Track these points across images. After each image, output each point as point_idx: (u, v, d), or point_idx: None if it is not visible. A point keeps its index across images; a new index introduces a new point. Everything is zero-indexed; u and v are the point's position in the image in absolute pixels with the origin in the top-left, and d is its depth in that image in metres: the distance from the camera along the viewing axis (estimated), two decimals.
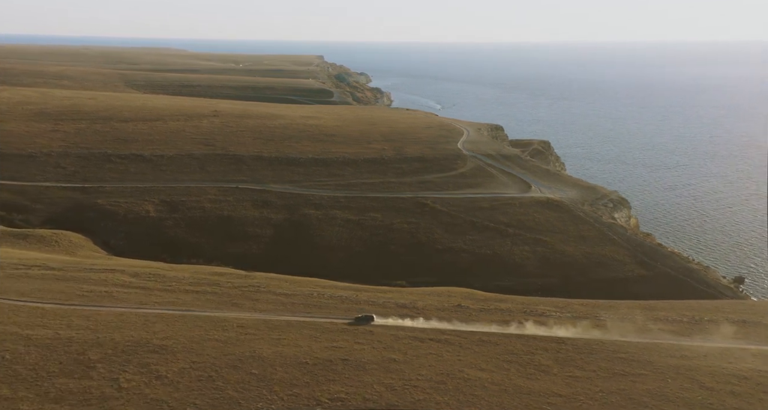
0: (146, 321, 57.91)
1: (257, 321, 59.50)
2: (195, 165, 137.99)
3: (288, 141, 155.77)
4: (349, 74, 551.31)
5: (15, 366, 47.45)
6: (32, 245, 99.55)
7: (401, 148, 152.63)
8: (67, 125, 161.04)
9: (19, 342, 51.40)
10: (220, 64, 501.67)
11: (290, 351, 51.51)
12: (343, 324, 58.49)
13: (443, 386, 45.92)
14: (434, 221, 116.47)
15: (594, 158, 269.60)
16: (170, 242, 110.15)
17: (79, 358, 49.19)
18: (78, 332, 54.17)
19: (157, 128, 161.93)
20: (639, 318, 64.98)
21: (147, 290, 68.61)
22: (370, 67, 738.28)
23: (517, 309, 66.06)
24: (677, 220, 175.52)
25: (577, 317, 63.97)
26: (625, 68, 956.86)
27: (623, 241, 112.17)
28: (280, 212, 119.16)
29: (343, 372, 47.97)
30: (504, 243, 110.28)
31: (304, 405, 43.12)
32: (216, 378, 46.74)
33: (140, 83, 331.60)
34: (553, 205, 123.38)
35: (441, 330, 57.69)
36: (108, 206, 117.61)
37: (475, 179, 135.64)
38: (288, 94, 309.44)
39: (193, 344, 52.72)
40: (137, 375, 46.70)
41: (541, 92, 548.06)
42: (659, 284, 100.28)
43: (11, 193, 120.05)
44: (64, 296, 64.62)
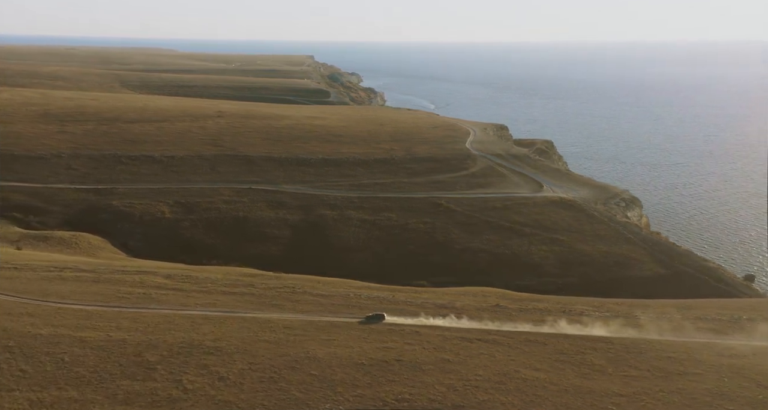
0: (193, 323, 57.93)
1: (302, 321, 59.64)
2: (206, 166, 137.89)
3: (296, 142, 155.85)
4: (341, 74, 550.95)
5: (76, 368, 47.44)
6: (53, 247, 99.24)
7: (410, 148, 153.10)
8: (74, 126, 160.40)
9: (74, 344, 51.36)
10: (212, 65, 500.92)
11: (343, 352, 51.71)
12: (388, 325, 58.69)
13: (503, 386, 46.28)
14: (450, 221, 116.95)
15: (592, 157, 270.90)
16: (188, 244, 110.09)
17: (137, 360, 49.21)
18: (129, 334, 54.16)
19: (164, 129, 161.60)
20: (675, 316, 65.63)
21: (184, 292, 68.58)
22: (360, 67, 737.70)
23: (556, 309, 66.53)
24: (679, 219, 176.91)
25: (616, 316, 64.47)
26: (615, 68, 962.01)
27: (639, 240, 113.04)
28: (295, 212, 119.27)
29: (400, 373, 48.23)
30: (521, 243, 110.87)
31: (371, 406, 43.37)
32: (277, 379, 46.91)
33: (136, 84, 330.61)
34: (567, 204, 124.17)
35: (486, 330, 58.00)
36: (123, 208, 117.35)
37: (487, 179, 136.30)
38: (285, 95, 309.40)
39: (245, 345, 52.82)
40: (199, 377, 46.79)
41: (533, 92, 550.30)
42: (678, 283, 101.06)
43: (25, 195, 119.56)
44: (103, 298, 64.50)
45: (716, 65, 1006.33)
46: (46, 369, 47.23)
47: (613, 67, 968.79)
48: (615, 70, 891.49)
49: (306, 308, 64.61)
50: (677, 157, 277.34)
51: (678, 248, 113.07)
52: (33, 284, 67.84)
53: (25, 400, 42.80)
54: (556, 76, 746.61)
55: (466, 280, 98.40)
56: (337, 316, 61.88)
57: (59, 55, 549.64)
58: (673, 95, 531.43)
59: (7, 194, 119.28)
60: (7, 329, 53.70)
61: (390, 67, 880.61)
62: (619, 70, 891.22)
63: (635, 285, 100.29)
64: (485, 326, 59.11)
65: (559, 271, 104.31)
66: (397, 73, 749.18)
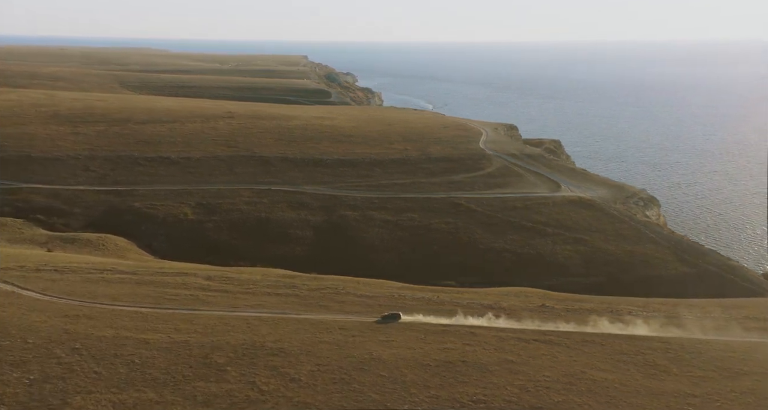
0: (248, 324, 58.11)
1: (354, 322, 59.90)
2: (223, 167, 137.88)
3: (309, 142, 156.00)
4: (337, 74, 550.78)
5: (149, 370, 47.57)
6: (81, 248, 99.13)
7: (424, 148, 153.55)
8: (86, 127, 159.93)
9: (139, 346, 51.46)
10: (208, 65, 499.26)
11: (406, 353, 52.01)
12: (443, 326, 59.04)
13: (574, 387, 46.67)
14: (471, 221, 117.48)
15: (594, 156, 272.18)
16: (213, 245, 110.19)
17: (206, 361, 49.36)
18: (189, 335, 54.29)
19: (177, 130, 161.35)
20: (720, 315, 66.31)
21: (230, 294, 68.72)
22: (354, 67, 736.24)
23: (601, 309, 67.10)
24: (685, 217, 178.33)
25: (664, 316, 65.10)
26: (613, 68, 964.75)
27: (662, 239, 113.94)
28: (317, 213, 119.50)
29: (468, 374, 48.55)
30: (545, 243, 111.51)
31: (448, 407, 43.69)
32: (349, 380, 47.17)
33: (135, 84, 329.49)
34: (586, 204, 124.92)
35: (541, 330, 58.40)
36: (145, 209, 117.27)
37: (504, 179, 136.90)
38: (286, 95, 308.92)
39: (307, 347, 53.04)
40: (271, 378, 47.00)
41: (530, 92, 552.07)
42: (705, 282, 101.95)
43: (45, 197, 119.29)
44: (153, 300, 64.58)
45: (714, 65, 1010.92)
46: (119, 370, 47.34)
47: (611, 67, 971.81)
48: (613, 70, 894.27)
49: (354, 309, 64.89)
50: (678, 156, 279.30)
51: (701, 247, 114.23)
52: (79, 286, 67.82)
53: (108, 402, 42.93)
54: (554, 76, 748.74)
55: (493, 280, 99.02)
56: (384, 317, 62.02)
57: (54, 56, 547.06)
58: (671, 95, 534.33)
59: (28, 195, 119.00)
60: (70, 331, 53.75)
61: (384, 67, 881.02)
62: (617, 70, 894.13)
63: (662, 285, 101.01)
64: (539, 326, 59.54)
65: (585, 271, 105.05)
66: (391, 73, 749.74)
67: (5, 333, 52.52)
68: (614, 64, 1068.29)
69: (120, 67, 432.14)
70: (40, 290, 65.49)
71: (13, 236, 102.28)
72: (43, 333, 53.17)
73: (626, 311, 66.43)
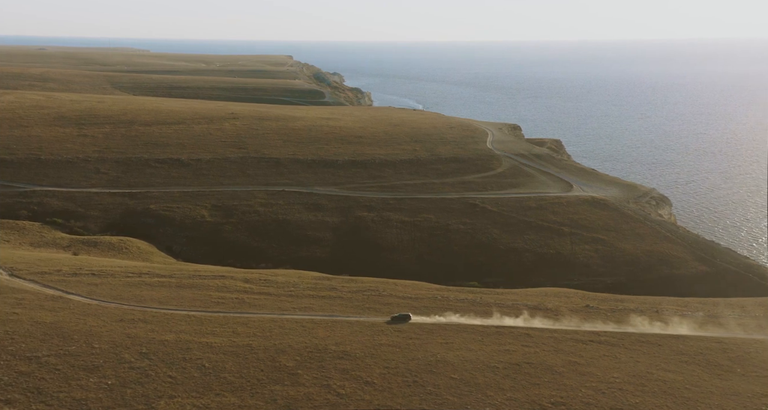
0: (304, 327, 58.32)
1: (407, 324, 60.15)
2: (234, 169, 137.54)
3: (317, 143, 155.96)
4: (324, 74, 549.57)
5: (222, 373, 47.68)
6: (105, 251, 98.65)
7: (433, 149, 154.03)
8: (92, 129, 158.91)
9: (204, 350, 51.54)
10: (193, 65, 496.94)
11: (470, 355, 52.46)
12: (497, 328, 59.52)
13: (647, 388, 47.27)
14: (488, 222, 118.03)
15: (589, 156, 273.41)
16: (233, 247, 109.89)
17: (275, 365, 49.55)
18: (250, 339, 54.41)
19: (183, 132, 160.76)
20: (762, 314, 67.24)
21: (274, 296, 68.86)
22: (340, 67, 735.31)
23: (645, 308, 67.84)
24: (688, 217, 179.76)
25: (708, 314, 65.94)
26: (591, 67, 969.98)
27: (678, 238, 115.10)
28: (333, 214, 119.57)
29: (538, 376, 49.01)
30: (564, 242, 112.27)
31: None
32: (421, 382, 47.51)
33: (127, 85, 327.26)
34: (600, 204, 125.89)
35: (594, 331, 59.12)
36: (162, 212, 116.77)
37: (515, 179, 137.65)
38: (280, 96, 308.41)
39: (369, 349, 53.35)
40: (345, 382, 47.26)
41: (516, 91, 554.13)
42: (724, 281, 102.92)
43: (61, 200, 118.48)
44: (201, 303, 64.61)
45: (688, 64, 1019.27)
46: (193, 375, 47.42)
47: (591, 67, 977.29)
48: (594, 70, 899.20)
49: (401, 311, 64.99)
50: (672, 155, 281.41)
51: (717, 245, 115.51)
52: (123, 290, 67.66)
53: (192, 406, 43.06)
54: (536, 76, 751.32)
55: (516, 280, 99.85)
56: (438, 318, 62.38)
57: (35, 56, 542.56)
58: (654, 94, 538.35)
59: (43, 199, 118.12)
60: (131, 335, 53.71)
61: (370, 67, 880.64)
62: (597, 70, 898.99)
63: (683, 284, 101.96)
64: (590, 327, 60.12)
65: (606, 270, 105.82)
66: (377, 73, 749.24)
67: (69, 339, 52.42)
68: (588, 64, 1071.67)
69: (105, 68, 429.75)
70: (86, 295, 65.35)
71: (35, 239, 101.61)
72: (106, 337, 53.11)
73: (671, 311, 67.21)
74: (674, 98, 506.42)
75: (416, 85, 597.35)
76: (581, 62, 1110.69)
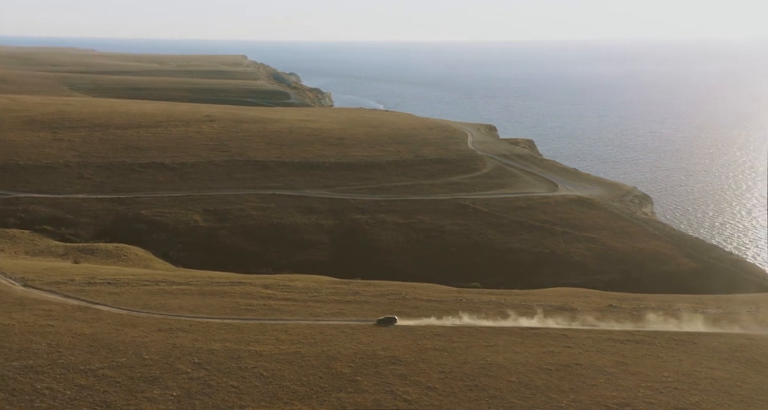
0: (344, 333, 58.33)
1: (444, 328, 60.58)
2: (221, 173, 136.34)
3: (301, 145, 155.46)
4: (282, 74, 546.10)
5: (283, 382, 47.53)
6: (104, 259, 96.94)
7: (416, 150, 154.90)
8: (67, 133, 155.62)
9: (255, 358, 51.26)
10: (146, 65, 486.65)
11: (519, 358, 53.13)
12: (534, 329, 60.40)
13: (699, 386, 48.46)
14: (482, 222, 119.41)
15: (553, 155, 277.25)
16: (230, 252, 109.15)
17: (331, 372, 49.56)
18: (297, 346, 54.28)
19: (162, 135, 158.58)
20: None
21: (300, 302, 68.63)
22: (294, 66, 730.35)
23: (664, 306, 69.37)
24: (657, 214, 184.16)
25: (726, 312, 67.93)
26: (539, 67, 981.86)
27: (665, 235, 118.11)
28: (327, 217, 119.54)
29: (592, 377, 49.75)
30: (557, 242, 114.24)
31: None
32: (482, 386, 48.02)
33: (87, 87, 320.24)
34: (586, 203, 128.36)
35: (627, 331, 60.10)
36: (154, 217, 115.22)
37: (501, 179, 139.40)
38: (244, 97, 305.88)
39: (417, 353, 53.69)
40: (407, 387, 47.52)
41: (473, 91, 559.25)
42: (714, 277, 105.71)
43: (48, 207, 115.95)
44: (232, 311, 64.09)
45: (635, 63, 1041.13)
46: (255, 384, 47.19)
47: (542, 67, 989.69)
48: (545, 70, 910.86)
49: (430, 314, 65.33)
50: (632, 153, 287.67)
51: (703, 242, 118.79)
52: (147, 299, 66.70)
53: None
54: (492, 76, 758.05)
55: (517, 280, 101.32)
56: (468, 321, 62.92)
57: None
58: (608, 93, 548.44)
59: (29, 206, 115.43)
60: (177, 345, 53.11)
61: (326, 67, 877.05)
62: (549, 70, 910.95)
63: (674, 280, 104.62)
64: (623, 326, 61.38)
65: (601, 268, 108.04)
66: (333, 73, 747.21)
67: (116, 350, 51.65)
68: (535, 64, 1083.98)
69: (56, 69, 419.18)
70: (113, 304, 64.32)
71: (30, 248, 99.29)
72: (153, 348, 52.45)
73: (690, 308, 68.88)
74: (626, 97, 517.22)
75: (375, 86, 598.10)
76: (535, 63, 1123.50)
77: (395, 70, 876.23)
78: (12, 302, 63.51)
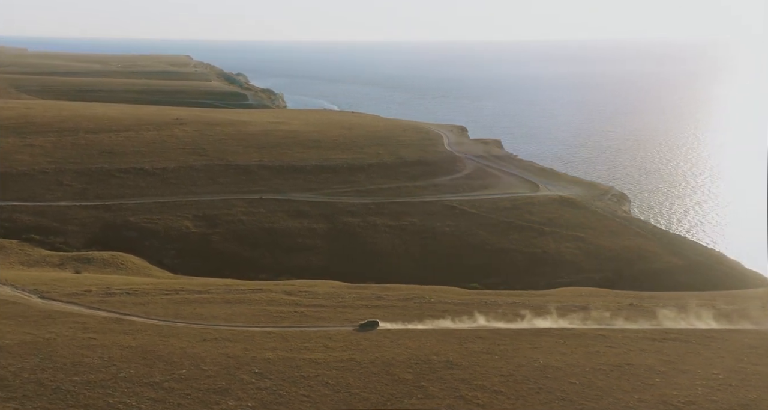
0: (387, 338, 58.54)
1: (482, 330, 61.18)
2: (203, 177, 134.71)
3: (279, 148, 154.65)
4: (231, 75, 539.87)
5: (351, 390, 47.61)
6: (102, 268, 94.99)
7: (395, 152, 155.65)
8: (35, 138, 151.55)
9: (313, 366, 51.14)
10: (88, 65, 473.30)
11: (570, 359, 54.02)
12: (570, 330, 61.66)
13: (751, 383, 49.55)
14: (472, 223, 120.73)
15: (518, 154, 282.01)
16: (226, 258, 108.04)
17: (394, 379, 49.82)
18: (350, 353, 54.36)
19: (135, 139, 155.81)
20: None
21: (331, 308, 68.58)
22: (240, 66, 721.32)
23: (677, 304, 70.98)
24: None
25: (741, 308, 70.40)
26: (485, 67, 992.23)
27: (647, 233, 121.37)
28: (319, 221, 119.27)
29: (648, 376, 50.64)
30: (547, 241, 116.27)
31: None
32: (546, 389, 48.59)
33: (35, 89, 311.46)
34: (568, 202, 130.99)
35: (661, 330, 61.63)
36: (144, 224, 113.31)
37: (483, 180, 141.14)
38: (201, 98, 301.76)
39: (468, 357, 54.23)
40: (474, 392, 48.05)
41: (425, 91, 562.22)
42: (699, 273, 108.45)
43: (31, 215, 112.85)
44: (266, 319, 63.72)
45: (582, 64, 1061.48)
46: (324, 392, 47.19)
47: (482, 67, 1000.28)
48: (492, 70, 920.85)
49: (461, 317, 65.99)
50: (587, 152, 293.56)
51: (686, 239, 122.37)
52: (175, 309, 65.80)
53: None
54: (436, 76, 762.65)
55: (515, 280, 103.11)
56: (505, 323, 63.82)
57: None
58: (559, 93, 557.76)
59: (12, 214, 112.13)
60: (231, 355, 52.66)
61: (273, 67, 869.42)
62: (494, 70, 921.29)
63: (664, 277, 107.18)
64: (653, 325, 63.11)
65: (592, 267, 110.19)
66: (282, 74, 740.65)
67: (172, 362, 50.99)
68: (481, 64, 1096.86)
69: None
70: (144, 315, 63.28)
71: (23, 258, 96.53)
72: (208, 359, 51.95)
73: (704, 305, 71.03)
74: (576, 97, 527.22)
75: (326, 86, 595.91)
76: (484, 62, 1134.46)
77: (349, 70, 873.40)
78: (39, 315, 61.90)
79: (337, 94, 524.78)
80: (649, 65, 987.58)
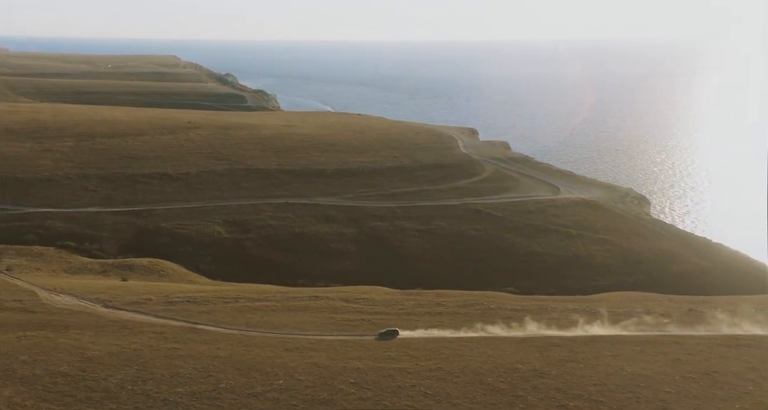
0: (465, 347, 59.12)
1: (562, 338, 61.80)
2: (227, 182, 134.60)
3: (296, 152, 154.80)
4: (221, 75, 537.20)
5: (453, 400, 48.12)
6: (145, 275, 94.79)
7: (412, 155, 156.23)
8: (53, 143, 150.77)
9: (405, 376, 51.62)
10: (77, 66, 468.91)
11: (655, 367, 54.49)
12: (640, 336, 62.50)
13: None
14: (499, 227, 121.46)
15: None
16: (260, 263, 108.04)
17: (490, 388, 50.39)
18: (433, 362, 54.87)
19: (152, 144, 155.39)
20: None
21: (395, 316, 69.16)
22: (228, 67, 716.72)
23: (732, 308, 72.22)
24: None
25: None
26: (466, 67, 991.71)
27: (672, 235, 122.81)
28: (348, 226, 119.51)
29: (739, 384, 50.86)
30: (576, 244, 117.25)
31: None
32: (644, 398, 48.97)
33: (30, 91, 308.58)
34: (591, 205, 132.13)
35: (732, 336, 62.76)
36: (176, 230, 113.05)
37: (503, 183, 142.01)
38: (199, 100, 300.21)
39: (553, 366, 54.87)
40: (575, 401, 48.57)
41: (417, 92, 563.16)
42: (726, 275, 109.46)
43: (63, 222, 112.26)
44: (337, 327, 64.20)
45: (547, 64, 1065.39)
46: (427, 403, 47.68)
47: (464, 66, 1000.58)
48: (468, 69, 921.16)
49: (524, 324, 66.59)
50: (587, 153, 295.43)
51: (710, 241, 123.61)
52: (243, 317, 66.21)
53: None
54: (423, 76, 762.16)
55: (549, 284, 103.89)
56: (569, 331, 64.52)
57: None
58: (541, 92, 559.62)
59: (44, 221, 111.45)
60: (320, 364, 53.14)
61: (262, 67, 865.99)
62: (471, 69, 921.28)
63: (693, 280, 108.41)
64: (717, 331, 64.07)
65: (624, 270, 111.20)
66: (271, 74, 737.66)
67: (265, 372, 51.43)
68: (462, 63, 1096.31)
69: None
70: (216, 324, 63.48)
71: (64, 266, 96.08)
72: (299, 369, 52.34)
73: (761, 308, 72.28)
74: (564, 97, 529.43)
75: (318, 87, 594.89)
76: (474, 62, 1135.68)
77: (330, 70, 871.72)
78: (113, 325, 62.01)
79: (329, 94, 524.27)
80: (628, 66, 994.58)
